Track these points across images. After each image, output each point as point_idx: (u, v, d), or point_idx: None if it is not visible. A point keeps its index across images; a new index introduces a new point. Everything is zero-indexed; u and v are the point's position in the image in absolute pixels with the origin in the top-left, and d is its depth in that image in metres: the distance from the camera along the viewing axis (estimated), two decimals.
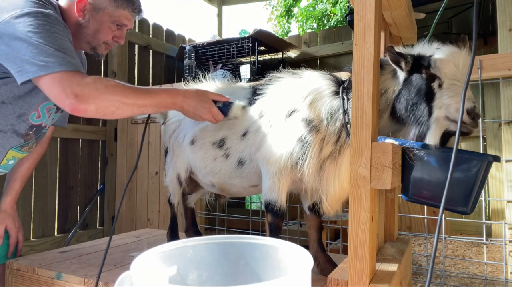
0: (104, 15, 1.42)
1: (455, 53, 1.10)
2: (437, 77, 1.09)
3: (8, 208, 1.67)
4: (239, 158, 1.47)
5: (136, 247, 1.90)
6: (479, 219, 2.30)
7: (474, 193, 1.04)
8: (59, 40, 1.25)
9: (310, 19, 7.62)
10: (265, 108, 1.43)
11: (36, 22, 1.22)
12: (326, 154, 1.29)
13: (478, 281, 2.13)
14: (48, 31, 1.23)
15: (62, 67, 1.20)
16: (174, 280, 0.75)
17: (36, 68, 1.18)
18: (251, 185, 1.53)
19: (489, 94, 2.94)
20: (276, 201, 1.34)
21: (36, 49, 1.19)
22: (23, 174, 1.71)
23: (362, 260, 0.97)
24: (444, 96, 1.07)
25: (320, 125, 1.28)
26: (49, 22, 1.25)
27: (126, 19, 1.47)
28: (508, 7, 2.18)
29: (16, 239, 1.68)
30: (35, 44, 1.19)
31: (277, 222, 1.37)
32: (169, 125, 1.78)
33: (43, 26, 1.23)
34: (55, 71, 1.19)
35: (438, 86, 1.09)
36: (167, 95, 1.34)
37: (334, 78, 1.36)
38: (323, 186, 1.31)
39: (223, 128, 1.52)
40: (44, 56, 1.19)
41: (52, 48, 1.21)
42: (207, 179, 1.62)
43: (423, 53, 1.15)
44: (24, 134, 1.49)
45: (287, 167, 1.31)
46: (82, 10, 1.40)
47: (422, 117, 1.11)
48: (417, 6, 2.86)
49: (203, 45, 3.76)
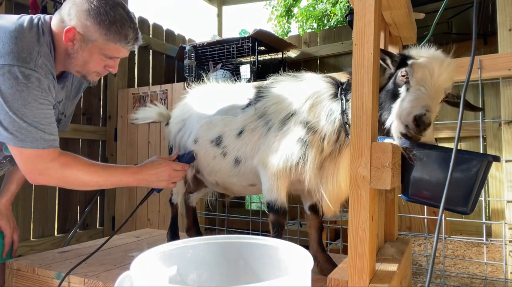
0: (93, 47, 1.32)
1: (436, 61, 1.12)
2: (408, 81, 1.13)
3: (3, 208, 1.67)
4: (236, 156, 1.49)
5: (136, 247, 1.90)
6: (479, 219, 2.30)
7: (474, 193, 1.04)
8: (35, 110, 1.23)
9: (310, 19, 7.62)
10: (265, 110, 1.45)
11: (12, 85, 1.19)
12: (326, 153, 1.31)
13: (478, 281, 2.13)
14: (24, 100, 1.21)
15: (33, 144, 1.24)
16: (174, 280, 0.75)
17: (11, 137, 1.22)
18: (250, 184, 1.54)
19: (489, 94, 2.94)
20: (276, 200, 1.37)
21: (10, 119, 1.20)
22: (20, 175, 1.70)
23: (362, 260, 0.97)
24: (405, 100, 1.11)
25: (319, 127, 1.30)
26: (27, 86, 1.21)
27: (118, 52, 1.37)
28: (508, 7, 2.18)
29: (11, 240, 1.68)
30: (9, 114, 1.20)
31: (280, 220, 1.39)
32: (173, 125, 1.80)
33: (20, 93, 1.20)
34: (26, 148, 1.24)
35: (406, 89, 1.13)
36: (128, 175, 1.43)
37: (333, 81, 1.38)
38: (323, 185, 1.32)
39: (218, 125, 1.55)
40: (16, 129, 1.21)
41: (26, 122, 1.22)
42: (212, 178, 1.64)
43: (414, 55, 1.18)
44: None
45: (286, 168, 1.33)
46: (71, 39, 1.31)
47: (385, 114, 1.16)
48: (417, 6, 2.86)
49: (203, 45, 3.76)
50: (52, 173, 1.30)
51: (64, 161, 1.31)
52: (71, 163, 1.33)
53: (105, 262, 1.60)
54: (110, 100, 3.56)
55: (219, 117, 1.56)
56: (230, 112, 1.54)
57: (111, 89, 3.56)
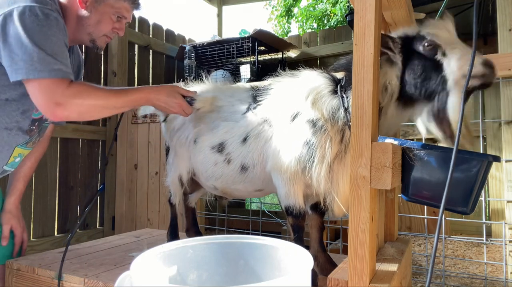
0: (105, 6, 1.49)
1: (441, 22, 1.14)
2: (439, 46, 1.11)
3: (13, 208, 1.68)
4: (242, 163, 1.46)
5: (136, 247, 1.90)
6: (479, 219, 2.30)
7: (474, 193, 1.04)
8: (53, 44, 1.29)
9: (310, 19, 7.62)
10: (267, 113, 1.43)
11: (33, 21, 1.26)
12: (333, 154, 1.27)
13: (478, 281, 2.13)
14: (45, 33, 1.28)
15: (51, 73, 1.27)
16: (174, 280, 0.75)
17: (26, 71, 1.25)
18: (256, 190, 1.53)
19: (489, 94, 2.94)
20: (295, 205, 1.35)
21: (30, 51, 1.24)
22: (25, 173, 1.73)
23: (362, 260, 0.97)
24: (452, 61, 1.08)
25: (325, 125, 1.27)
26: (47, 22, 1.29)
27: (126, 11, 1.54)
28: (508, 7, 2.18)
29: (21, 239, 1.69)
30: (29, 46, 1.24)
31: (299, 223, 1.37)
32: (171, 123, 1.76)
33: (41, 27, 1.27)
34: (42, 78, 1.26)
35: (442, 54, 1.10)
36: (141, 93, 1.46)
37: (330, 77, 1.35)
38: (334, 187, 1.29)
39: (218, 131, 1.52)
40: (35, 60, 1.25)
41: (44, 52, 1.26)
42: (210, 183, 1.61)
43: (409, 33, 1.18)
44: (28, 130, 1.52)
45: (298, 171, 1.30)
46: (85, 2, 1.47)
47: (438, 87, 1.10)
48: (417, 6, 2.86)
49: (203, 45, 3.76)
50: (69, 102, 1.30)
51: (79, 89, 1.34)
52: (86, 89, 1.35)
53: (105, 262, 1.60)
54: None
55: (221, 123, 1.53)
56: (231, 118, 1.52)
57: None
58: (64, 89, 1.29)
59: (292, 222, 1.38)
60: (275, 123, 1.39)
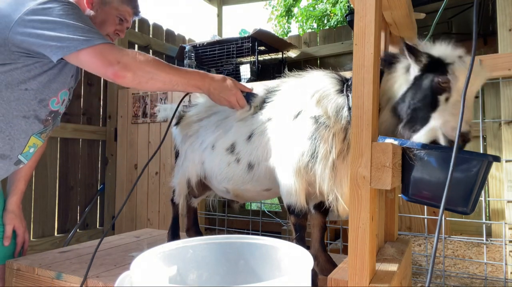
0: (110, 8, 1.59)
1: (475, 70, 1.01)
2: (447, 91, 1.06)
3: (15, 208, 1.68)
4: (248, 161, 1.47)
5: (136, 247, 1.90)
6: (479, 219, 2.30)
7: (474, 193, 1.04)
8: (88, 22, 1.38)
9: (310, 19, 7.62)
10: (272, 112, 1.44)
11: (64, 7, 1.34)
12: (336, 152, 1.27)
13: (478, 281, 2.13)
14: (77, 14, 1.36)
15: (102, 40, 1.33)
16: (174, 280, 0.75)
17: (78, 43, 1.29)
18: (264, 189, 1.52)
19: (489, 94, 2.94)
20: (296, 203, 1.34)
21: (73, 27, 1.30)
22: (26, 173, 1.73)
23: (362, 260, 0.97)
24: (446, 111, 1.06)
25: (329, 122, 1.27)
26: (74, 9, 1.38)
27: (128, 15, 1.64)
28: (508, 7, 2.18)
29: (23, 239, 1.70)
30: (71, 24, 1.30)
31: (301, 222, 1.37)
32: (184, 129, 1.76)
33: (72, 10, 1.36)
34: (96, 44, 1.30)
35: (445, 99, 1.07)
36: (197, 76, 1.46)
37: (338, 77, 1.36)
38: (337, 187, 1.29)
39: (231, 132, 1.53)
40: (82, 32, 1.30)
41: (87, 26, 1.34)
42: (222, 186, 1.61)
43: (444, 56, 1.10)
44: (44, 119, 1.54)
45: (300, 167, 1.30)
46: (91, 2, 1.56)
47: (418, 122, 1.10)
48: (417, 6, 2.86)
49: (203, 45, 3.76)
50: (128, 60, 1.32)
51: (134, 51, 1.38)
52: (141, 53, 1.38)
53: (105, 262, 1.60)
54: (110, 100, 3.55)
55: (234, 124, 1.55)
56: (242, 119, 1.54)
57: (111, 89, 3.56)
58: (120, 50, 1.34)
59: (294, 221, 1.37)
60: (279, 121, 1.40)
